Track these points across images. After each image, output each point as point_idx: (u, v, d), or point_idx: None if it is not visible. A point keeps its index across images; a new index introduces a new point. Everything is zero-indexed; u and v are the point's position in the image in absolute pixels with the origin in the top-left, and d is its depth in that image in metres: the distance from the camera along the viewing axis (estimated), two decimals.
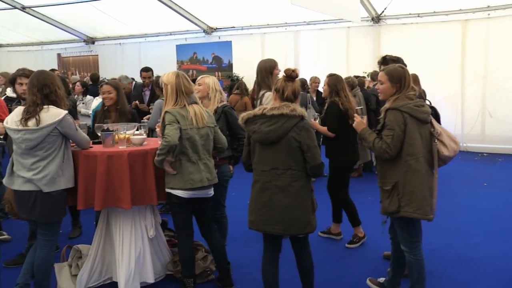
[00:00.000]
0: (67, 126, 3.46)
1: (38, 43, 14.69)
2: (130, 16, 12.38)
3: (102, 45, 14.05)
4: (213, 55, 12.67)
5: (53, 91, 3.49)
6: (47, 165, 3.42)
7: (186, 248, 3.81)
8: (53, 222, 3.60)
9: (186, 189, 3.60)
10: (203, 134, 3.68)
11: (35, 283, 3.65)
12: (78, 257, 4.14)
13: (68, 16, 12.76)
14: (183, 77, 3.70)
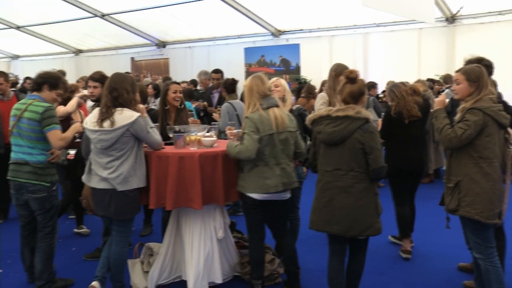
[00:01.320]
0: (139, 128, 3.56)
1: (113, 47, 15.38)
2: (199, 20, 12.66)
3: (173, 48, 14.46)
4: (281, 58, 12.69)
5: (121, 94, 3.56)
6: (120, 165, 3.55)
7: (257, 250, 3.85)
8: (127, 219, 3.73)
9: (261, 192, 3.64)
10: (282, 138, 3.68)
11: (111, 277, 3.81)
12: (149, 254, 4.28)
13: (142, 22, 13.26)
14: (257, 79, 3.73)
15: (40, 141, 3.83)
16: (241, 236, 4.59)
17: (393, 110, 4.59)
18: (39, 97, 3.87)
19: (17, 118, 3.84)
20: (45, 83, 3.90)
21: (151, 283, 4.01)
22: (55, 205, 3.98)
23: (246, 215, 3.87)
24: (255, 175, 3.65)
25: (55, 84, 3.93)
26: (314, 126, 3.43)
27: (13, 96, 5.97)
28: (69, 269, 4.53)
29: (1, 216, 6.10)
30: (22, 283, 4.30)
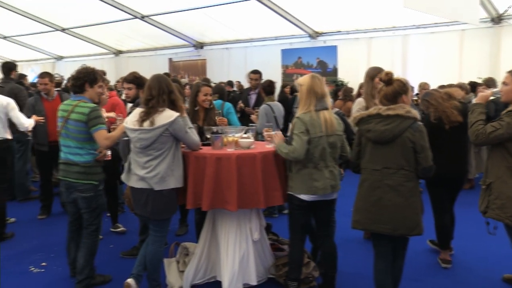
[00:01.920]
0: (177, 128, 3.59)
1: (152, 48, 15.64)
2: (236, 21, 12.72)
3: (210, 49, 14.58)
4: (318, 59, 12.61)
5: (177, 96, 3.67)
6: (158, 164, 3.58)
7: (298, 251, 3.85)
8: (163, 219, 3.77)
9: (309, 194, 3.64)
10: (331, 141, 3.67)
11: (147, 275, 3.86)
12: (185, 254, 4.31)
13: (180, 23, 13.43)
14: (317, 79, 3.71)
15: (88, 141, 3.93)
16: (277, 239, 4.57)
17: (432, 116, 4.45)
18: (84, 97, 3.96)
19: (64, 119, 3.95)
20: (84, 81, 3.96)
21: (186, 283, 4.05)
22: (100, 204, 4.08)
23: (290, 216, 3.85)
24: (304, 177, 3.64)
25: (93, 79, 3.99)
26: (361, 124, 3.41)
27: (56, 96, 6.16)
28: (107, 266, 4.61)
29: (45, 212, 6.28)
30: (64, 277, 4.40)
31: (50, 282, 4.32)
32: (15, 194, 6.90)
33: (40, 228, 5.84)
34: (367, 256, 4.56)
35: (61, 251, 5.00)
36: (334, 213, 4.44)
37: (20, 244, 5.29)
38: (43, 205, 6.29)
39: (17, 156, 6.86)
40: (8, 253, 5.02)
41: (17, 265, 4.71)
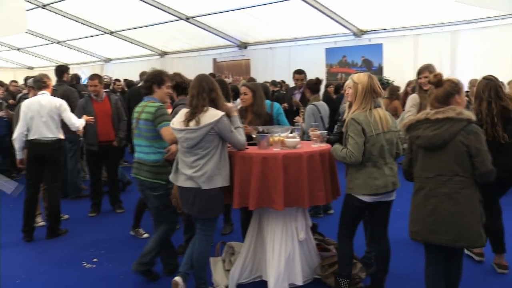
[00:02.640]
0: (222, 127, 3.62)
1: (196, 49, 15.83)
2: (280, 21, 12.69)
3: (254, 49, 14.61)
4: (363, 58, 12.42)
5: (218, 95, 3.71)
6: (205, 164, 3.62)
7: (348, 248, 3.80)
8: (211, 218, 3.81)
9: (371, 194, 3.58)
10: (388, 138, 3.62)
11: (194, 273, 3.91)
12: (231, 253, 4.35)
13: (224, 23, 13.53)
14: (373, 78, 3.67)
15: (156, 140, 4.14)
16: (323, 239, 4.53)
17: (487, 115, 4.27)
18: (152, 98, 4.18)
19: (136, 120, 4.17)
20: (152, 83, 4.19)
21: (232, 282, 4.07)
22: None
23: (345, 214, 3.79)
24: (364, 176, 3.59)
25: (160, 80, 4.20)
26: (410, 131, 3.29)
27: (105, 97, 6.35)
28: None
29: (95, 209, 6.47)
30: (115, 273, 4.54)
31: (102, 277, 4.45)
32: (67, 192, 7.16)
33: (91, 225, 6.03)
34: (415, 258, 4.47)
35: (111, 248, 5.17)
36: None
37: (73, 240, 5.49)
38: (93, 203, 6.50)
39: (69, 156, 7.11)
40: (63, 248, 5.23)
41: (71, 260, 4.88)
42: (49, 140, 5.43)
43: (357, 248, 3.97)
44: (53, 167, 5.52)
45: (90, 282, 4.36)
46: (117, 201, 6.62)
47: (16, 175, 8.77)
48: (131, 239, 5.50)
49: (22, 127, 5.42)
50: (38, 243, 5.44)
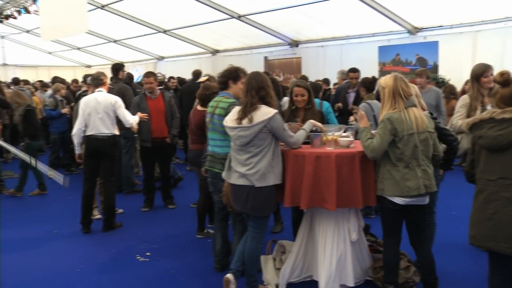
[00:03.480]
0: (275, 125, 3.61)
1: (248, 47, 15.90)
2: (332, 19, 12.54)
3: (306, 47, 14.51)
4: (417, 56, 12.07)
5: (268, 93, 3.70)
6: (259, 161, 3.63)
7: (391, 254, 3.70)
8: (263, 216, 3.82)
9: (402, 196, 3.48)
10: (423, 139, 3.50)
11: (245, 271, 3.92)
12: (282, 252, 4.34)
13: (275, 21, 13.52)
14: (401, 80, 3.59)
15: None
16: (375, 240, 4.45)
17: None
18: (227, 94, 4.22)
19: (211, 114, 4.23)
20: (228, 79, 4.23)
21: (283, 280, 4.06)
22: None
23: (383, 218, 3.74)
24: (395, 177, 3.50)
25: (236, 76, 4.22)
26: (473, 131, 3.16)
27: (159, 94, 6.48)
28: (206, 260, 4.78)
29: (148, 204, 6.63)
30: (166, 267, 4.63)
31: (154, 271, 4.56)
32: (122, 187, 7.37)
33: (144, 220, 6.18)
34: (472, 264, 4.31)
35: (163, 243, 5.28)
36: (434, 215, 4.25)
37: (127, 233, 5.65)
38: (146, 199, 6.65)
39: (124, 151, 7.32)
40: (118, 241, 5.39)
41: (125, 253, 5.03)
42: (105, 136, 5.60)
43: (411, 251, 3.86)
44: (108, 162, 5.70)
45: (143, 276, 4.46)
46: (169, 197, 6.75)
47: (75, 169, 9.13)
48: (183, 234, 5.59)
49: (80, 123, 5.62)
50: (95, 235, 5.64)
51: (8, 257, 4.93)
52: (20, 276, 4.49)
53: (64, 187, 6.70)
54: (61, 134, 8.92)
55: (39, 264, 4.78)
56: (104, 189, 5.82)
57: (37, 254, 5.06)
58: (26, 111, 7.35)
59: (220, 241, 4.48)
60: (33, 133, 7.37)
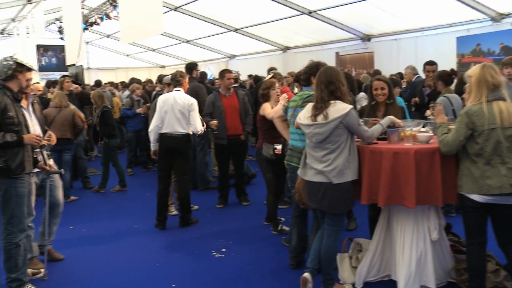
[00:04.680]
0: (351, 121, 3.55)
1: (319, 43, 15.72)
2: (406, 10, 12.09)
3: (378, 41, 14.10)
4: (502, 45, 11.33)
5: (338, 87, 3.64)
6: (336, 158, 3.58)
7: (476, 256, 3.51)
8: (340, 213, 3.76)
9: (481, 193, 3.29)
10: (509, 135, 3.29)
11: (321, 269, 3.89)
12: (358, 250, 4.25)
13: (347, 16, 13.26)
14: (490, 68, 3.38)
15: None
16: (458, 240, 4.24)
17: None
18: (310, 88, 4.26)
19: (293, 109, 4.29)
20: (310, 75, 4.29)
21: (359, 279, 3.99)
22: None
23: (464, 217, 3.56)
24: (473, 174, 3.33)
25: (317, 71, 4.11)
26: None
27: (233, 92, 6.56)
28: (281, 256, 4.79)
29: (222, 201, 6.75)
30: (242, 264, 4.69)
31: (230, 267, 4.63)
32: (196, 184, 7.55)
33: (219, 217, 6.29)
34: None
35: (238, 239, 5.35)
36: None
37: (203, 230, 5.78)
38: (220, 195, 6.77)
39: (198, 149, 7.49)
40: (194, 237, 5.54)
41: (201, 248, 5.14)
42: (179, 134, 5.73)
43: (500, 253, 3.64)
44: (182, 160, 5.84)
45: (219, 271, 4.55)
46: (243, 193, 6.82)
47: (152, 166, 9.48)
48: (257, 231, 5.64)
49: (157, 120, 5.79)
50: (172, 230, 5.81)
51: (91, 249, 5.22)
52: (104, 267, 4.73)
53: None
54: (136, 133, 9.28)
55: (121, 258, 5.00)
56: (178, 186, 5.97)
57: (119, 248, 5.30)
58: (103, 112, 7.71)
59: (295, 238, 4.47)
60: (110, 133, 7.72)
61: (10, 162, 3.89)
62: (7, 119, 3.88)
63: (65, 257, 4.91)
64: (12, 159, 3.90)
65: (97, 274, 4.56)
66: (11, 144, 3.88)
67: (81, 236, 5.62)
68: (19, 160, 3.94)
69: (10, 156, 3.90)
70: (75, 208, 6.72)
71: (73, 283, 4.39)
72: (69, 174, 7.35)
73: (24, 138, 3.95)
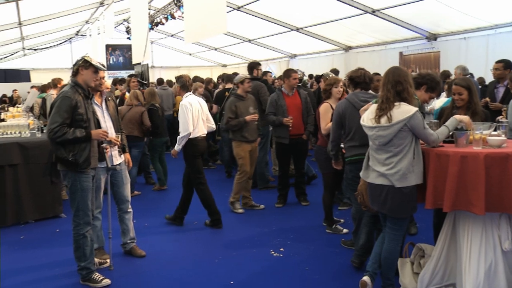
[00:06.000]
0: (416, 124, 3.46)
1: (382, 43, 15.39)
2: (476, 7, 11.57)
3: (445, 40, 13.60)
4: None
5: (406, 88, 3.55)
6: (399, 161, 3.50)
7: None
8: (402, 217, 3.67)
9: None
10: None
11: (381, 273, 3.82)
12: (420, 255, 4.12)
13: (411, 14, 12.88)
14: None
15: None
16: None
17: None
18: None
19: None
20: (424, 84, 4.16)
21: (421, 286, 3.85)
22: None
23: None
24: None
25: (432, 88, 4.12)
26: None
27: (295, 91, 6.55)
28: (339, 258, 4.72)
29: (281, 201, 6.75)
30: (299, 264, 4.68)
31: (288, 267, 4.63)
32: (256, 182, 7.60)
33: (278, 216, 6.30)
34: None
35: (296, 239, 5.34)
36: None
37: (262, 228, 5.81)
38: (280, 195, 6.78)
39: (258, 148, 7.52)
40: (253, 235, 5.59)
41: (260, 246, 5.18)
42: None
43: None
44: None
45: (277, 271, 4.56)
46: (303, 193, 6.80)
47: (212, 164, 9.65)
48: (316, 231, 5.61)
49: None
50: (230, 228, 5.88)
51: (153, 243, 5.37)
52: (164, 261, 4.86)
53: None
54: None
55: (181, 253, 5.13)
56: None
57: (179, 243, 5.45)
58: (148, 110, 7.78)
59: (364, 237, 4.41)
60: (155, 131, 7.83)
61: (78, 157, 4.10)
62: (77, 115, 4.09)
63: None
64: (80, 153, 4.11)
65: (158, 267, 4.70)
66: (80, 140, 4.08)
67: (144, 230, 5.80)
68: (86, 155, 4.14)
69: (78, 151, 4.10)
70: (138, 203, 6.94)
71: (136, 274, 4.55)
72: (135, 170, 7.62)
73: (92, 133, 4.15)
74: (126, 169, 4.83)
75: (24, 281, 4.46)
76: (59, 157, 4.13)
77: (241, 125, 6.31)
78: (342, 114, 4.56)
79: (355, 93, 4.62)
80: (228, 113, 6.39)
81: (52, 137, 4.03)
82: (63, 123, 4.02)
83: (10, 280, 4.48)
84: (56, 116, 4.04)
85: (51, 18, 14.18)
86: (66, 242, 4.99)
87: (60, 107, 4.06)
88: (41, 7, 12.84)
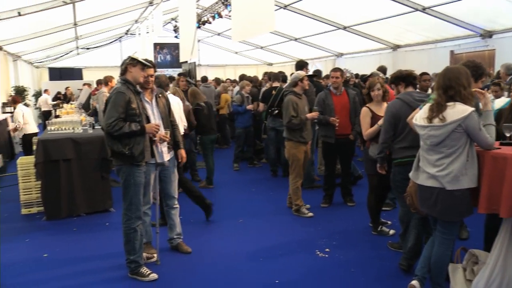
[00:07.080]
0: (471, 125, 3.33)
1: (432, 41, 14.96)
2: None
3: (501, 38, 13.03)
4: None
5: (458, 91, 3.40)
6: (451, 163, 3.39)
7: None
8: (453, 221, 3.55)
9: None
10: None
11: (430, 278, 3.72)
12: (474, 262, 3.97)
13: (464, 11, 12.46)
14: None
15: None
16: None
17: None
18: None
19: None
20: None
21: None
22: None
23: None
24: None
25: (478, 75, 3.92)
26: None
27: (343, 91, 6.47)
28: (384, 261, 4.63)
29: (327, 201, 6.69)
30: (344, 266, 4.61)
31: (333, 268, 4.58)
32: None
33: (323, 216, 6.24)
34: None
35: (342, 240, 5.28)
36: None
37: (308, 228, 5.79)
38: (325, 194, 6.71)
39: None
40: (297, 235, 5.57)
41: (306, 246, 5.16)
42: None
43: None
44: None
45: (322, 272, 4.51)
46: (349, 194, 6.71)
47: (258, 162, 9.67)
48: (361, 232, 5.54)
49: None
50: (276, 227, 5.88)
51: (199, 240, 5.44)
52: (210, 258, 4.91)
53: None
54: (245, 129, 9.44)
55: (226, 250, 5.16)
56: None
57: (224, 240, 5.47)
58: (194, 109, 7.81)
59: (412, 240, 4.30)
60: (201, 129, 7.87)
61: (133, 150, 4.22)
62: (131, 110, 4.21)
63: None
64: (135, 147, 4.23)
65: (204, 264, 4.75)
66: (136, 133, 4.20)
67: (190, 226, 5.87)
68: (141, 149, 4.26)
69: (134, 144, 4.23)
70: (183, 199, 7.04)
71: (181, 270, 4.62)
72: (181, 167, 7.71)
73: (146, 127, 4.25)
74: (175, 166, 4.91)
75: (75, 272, 4.62)
76: (116, 151, 4.26)
77: (302, 124, 6.19)
78: (396, 114, 4.38)
79: (409, 92, 4.47)
80: (290, 111, 6.13)
81: (110, 131, 4.17)
82: (119, 117, 4.16)
83: (61, 270, 4.66)
84: (112, 111, 4.17)
85: (103, 18, 14.61)
86: (115, 235, 5.15)
87: (116, 102, 4.19)
88: (95, 7, 13.25)
